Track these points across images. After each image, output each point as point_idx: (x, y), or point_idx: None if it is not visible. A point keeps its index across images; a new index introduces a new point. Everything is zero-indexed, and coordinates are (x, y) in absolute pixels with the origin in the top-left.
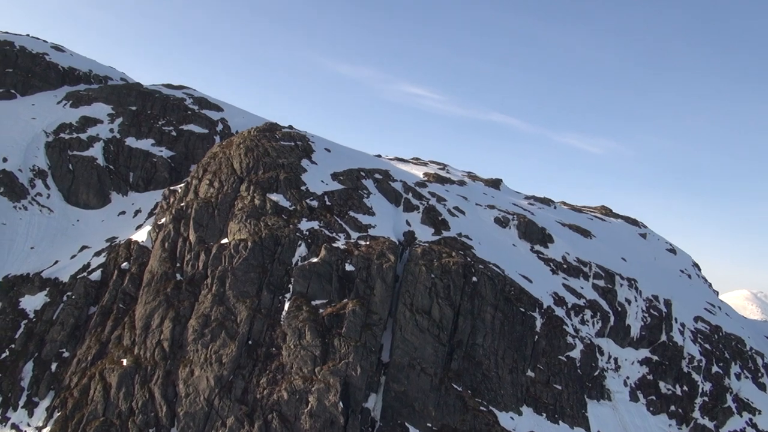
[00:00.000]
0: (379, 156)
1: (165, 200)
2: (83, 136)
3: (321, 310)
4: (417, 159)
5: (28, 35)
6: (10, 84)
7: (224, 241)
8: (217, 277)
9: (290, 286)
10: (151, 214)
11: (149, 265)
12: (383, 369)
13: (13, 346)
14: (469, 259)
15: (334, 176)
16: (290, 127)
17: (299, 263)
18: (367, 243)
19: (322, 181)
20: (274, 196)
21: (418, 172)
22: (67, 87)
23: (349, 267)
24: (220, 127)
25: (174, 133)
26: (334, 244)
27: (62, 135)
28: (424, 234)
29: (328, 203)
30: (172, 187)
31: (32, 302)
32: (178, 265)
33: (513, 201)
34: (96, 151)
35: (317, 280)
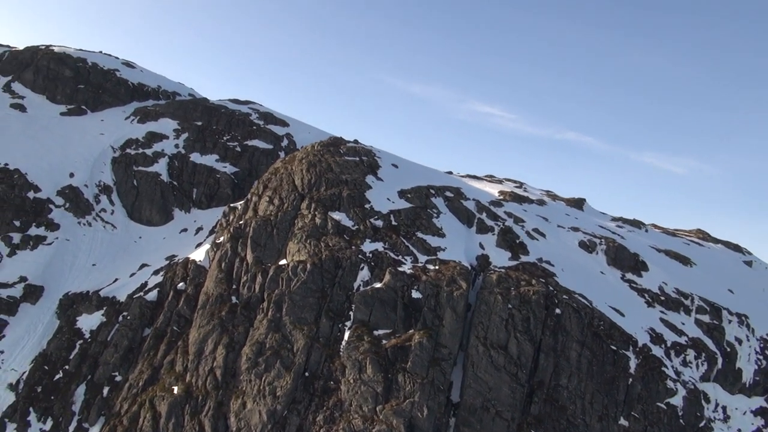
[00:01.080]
0: (450, 173)
1: (224, 218)
2: (149, 151)
3: (384, 341)
4: (491, 176)
5: (100, 52)
6: (81, 100)
7: (282, 262)
8: (273, 301)
9: (351, 313)
10: (212, 232)
11: (205, 286)
12: (453, 410)
13: (67, 367)
14: (551, 287)
15: (401, 194)
16: (356, 141)
17: (361, 288)
18: (436, 267)
19: (387, 199)
20: (336, 215)
21: (493, 190)
22: (136, 103)
23: (415, 294)
24: (285, 142)
25: (238, 149)
26: (400, 268)
27: (128, 150)
28: (500, 258)
29: (393, 223)
30: (232, 204)
31: (89, 322)
32: (234, 287)
33: (599, 223)
34: (161, 167)
35: (380, 307)
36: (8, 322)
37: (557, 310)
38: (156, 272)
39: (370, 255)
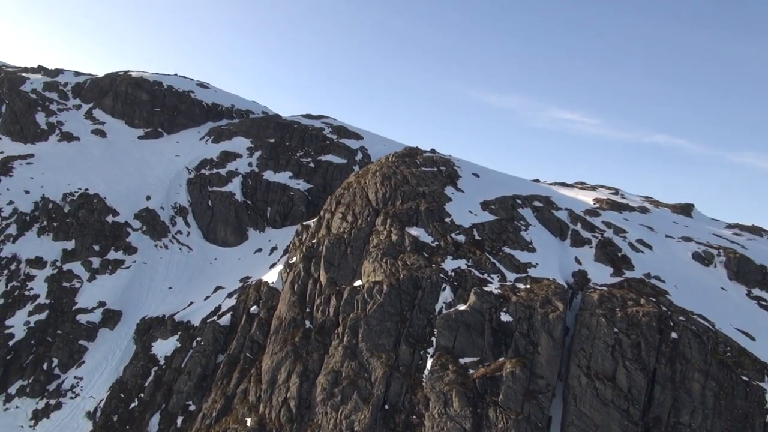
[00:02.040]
0: (537, 181)
1: (297, 237)
2: (222, 171)
3: (471, 371)
4: (582, 183)
5: (175, 74)
6: (157, 123)
7: (357, 283)
8: (348, 326)
9: (433, 338)
10: (286, 252)
11: (278, 310)
12: None
13: (142, 395)
14: (663, 307)
15: (485, 205)
16: (432, 150)
17: (444, 311)
18: (528, 286)
19: (469, 212)
20: (414, 231)
21: (586, 198)
22: (210, 123)
23: (505, 317)
24: (359, 156)
25: (312, 165)
26: (486, 288)
27: (203, 171)
28: (600, 275)
29: (477, 238)
30: (305, 222)
31: (163, 347)
32: (307, 310)
33: (712, 231)
34: (234, 186)
35: (466, 332)
36: (87, 348)
37: (673, 334)
38: (230, 295)
39: (453, 274)
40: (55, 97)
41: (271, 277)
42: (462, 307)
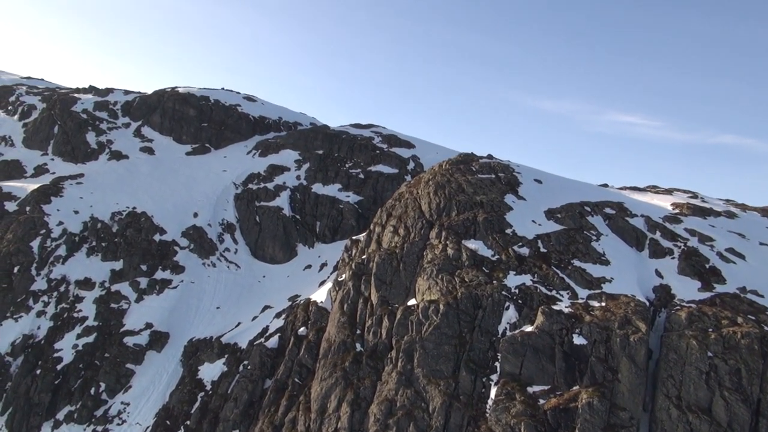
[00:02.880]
0: (605, 186)
1: (346, 252)
2: (270, 185)
3: (541, 401)
4: (654, 187)
5: (222, 88)
6: (205, 138)
7: (411, 302)
8: (402, 349)
9: (497, 364)
10: (336, 268)
11: (327, 332)
12: None
13: (188, 422)
14: (765, 327)
15: (549, 214)
16: (490, 156)
17: (508, 333)
18: (603, 304)
19: (533, 221)
20: (472, 244)
21: (663, 203)
22: (257, 136)
23: (578, 339)
24: (411, 165)
25: (362, 176)
26: (556, 307)
27: (250, 186)
28: (686, 290)
29: (543, 250)
30: (354, 237)
31: (210, 371)
32: (358, 332)
33: None
34: (282, 201)
35: (534, 357)
36: (135, 372)
37: None
38: (278, 315)
39: (517, 291)
40: (105, 116)
41: (320, 295)
42: (529, 329)
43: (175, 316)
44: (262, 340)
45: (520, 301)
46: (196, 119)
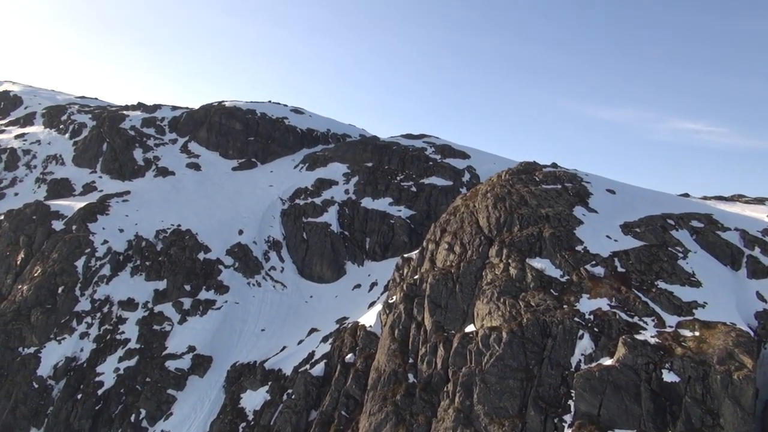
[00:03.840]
0: (687, 196)
1: (398, 271)
2: (318, 200)
3: None
4: (740, 196)
5: (269, 101)
6: (251, 153)
7: (469, 328)
8: (460, 383)
9: (570, 402)
10: (387, 288)
11: (376, 360)
12: None
13: None
14: None
15: (627, 228)
16: (554, 165)
17: (583, 366)
18: (697, 334)
19: (607, 237)
20: (537, 262)
21: (758, 214)
22: (305, 150)
23: (669, 376)
24: (466, 176)
25: (414, 189)
26: (639, 336)
27: (297, 201)
28: None
29: (621, 269)
30: (406, 255)
31: (253, 400)
32: (410, 360)
33: None
34: (330, 216)
35: (615, 395)
36: (176, 398)
37: None
38: (325, 339)
39: (592, 317)
40: (153, 132)
41: (369, 319)
42: (608, 362)
43: (219, 339)
44: (308, 366)
45: (596, 330)
46: (242, 133)
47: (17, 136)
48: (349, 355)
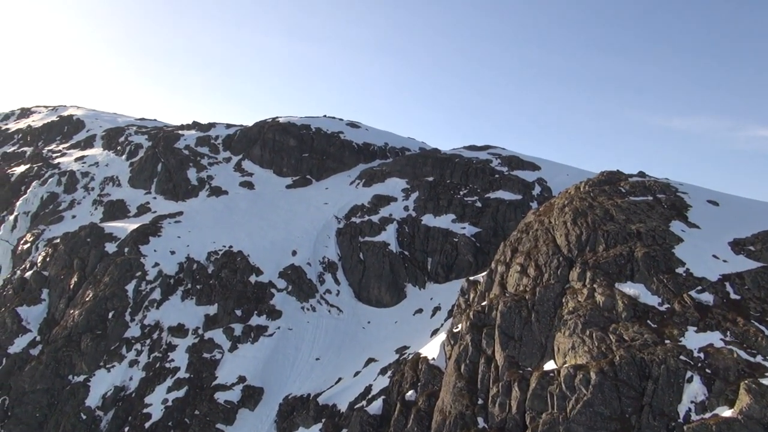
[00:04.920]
0: None
1: (462, 296)
2: (375, 218)
3: None
4: None
5: (324, 116)
6: (306, 169)
7: (549, 366)
8: (541, 431)
9: None
10: (451, 314)
11: (440, 399)
12: None
13: None
14: None
15: (738, 246)
16: (641, 174)
17: (693, 417)
18: None
19: (715, 257)
20: (629, 288)
21: None
22: (361, 165)
23: None
24: (537, 189)
25: (479, 204)
26: (766, 380)
27: (353, 219)
28: None
29: (734, 296)
30: (472, 278)
31: None
32: (480, 402)
33: None
34: (389, 235)
35: None
36: None
37: None
38: (383, 371)
39: (702, 355)
40: (207, 151)
41: (432, 350)
42: (727, 413)
43: (271, 368)
44: (364, 403)
45: (708, 371)
46: (296, 149)
47: (77, 159)
48: (410, 392)
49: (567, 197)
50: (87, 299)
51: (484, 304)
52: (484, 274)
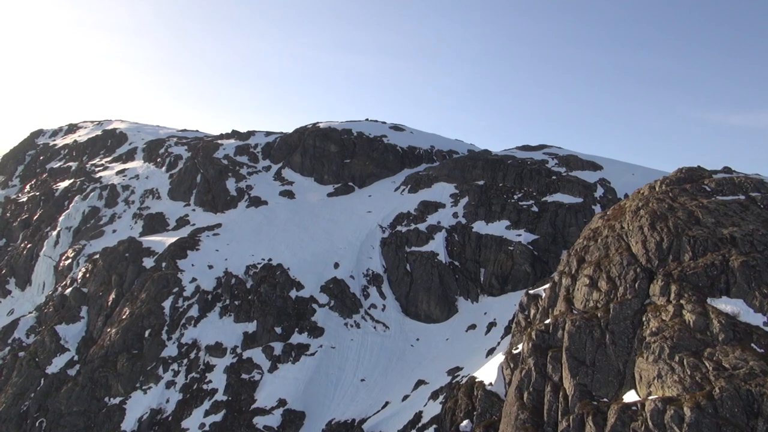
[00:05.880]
0: None
1: (522, 312)
2: (422, 226)
3: None
4: None
5: (366, 119)
6: (348, 176)
7: (630, 397)
8: None
9: None
10: (509, 331)
11: (500, 431)
12: None
13: None
14: None
15: None
16: (727, 169)
17: None
18: None
19: None
20: (725, 304)
21: None
22: (406, 170)
23: None
24: (599, 191)
25: (535, 209)
26: None
27: (399, 228)
28: None
29: None
30: (532, 291)
31: None
32: None
33: None
34: (437, 245)
35: None
36: None
37: None
38: (434, 395)
39: None
40: (246, 160)
41: (489, 373)
42: None
43: (312, 391)
44: None
45: None
46: (338, 155)
47: (118, 172)
48: (465, 422)
49: (641, 198)
50: (124, 317)
51: (547, 322)
52: (545, 287)
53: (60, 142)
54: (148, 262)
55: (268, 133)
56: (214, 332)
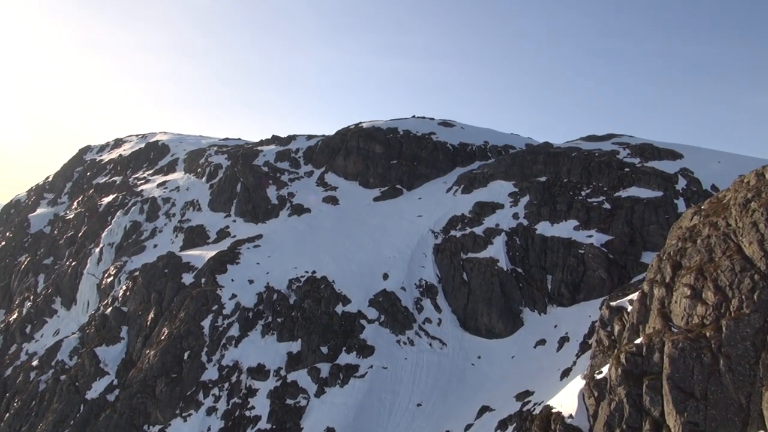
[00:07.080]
0: None
1: (603, 328)
2: (479, 230)
3: None
4: None
5: (413, 116)
6: (395, 178)
7: None
8: None
9: None
10: (586, 346)
11: None
12: None
13: None
14: None
15: None
16: None
17: None
18: None
19: None
20: None
21: None
22: (458, 169)
23: None
24: (682, 184)
25: (607, 206)
26: None
27: (453, 233)
28: None
29: None
30: (614, 303)
31: None
32: None
33: None
34: (497, 250)
35: None
36: None
37: None
38: (502, 425)
39: None
40: (287, 166)
41: (566, 401)
42: None
43: (364, 418)
44: None
45: None
46: (383, 157)
47: (159, 185)
48: None
49: (747, 189)
50: (162, 338)
51: (639, 342)
52: (630, 297)
53: (106, 157)
54: (188, 278)
55: (309, 137)
56: (256, 353)
